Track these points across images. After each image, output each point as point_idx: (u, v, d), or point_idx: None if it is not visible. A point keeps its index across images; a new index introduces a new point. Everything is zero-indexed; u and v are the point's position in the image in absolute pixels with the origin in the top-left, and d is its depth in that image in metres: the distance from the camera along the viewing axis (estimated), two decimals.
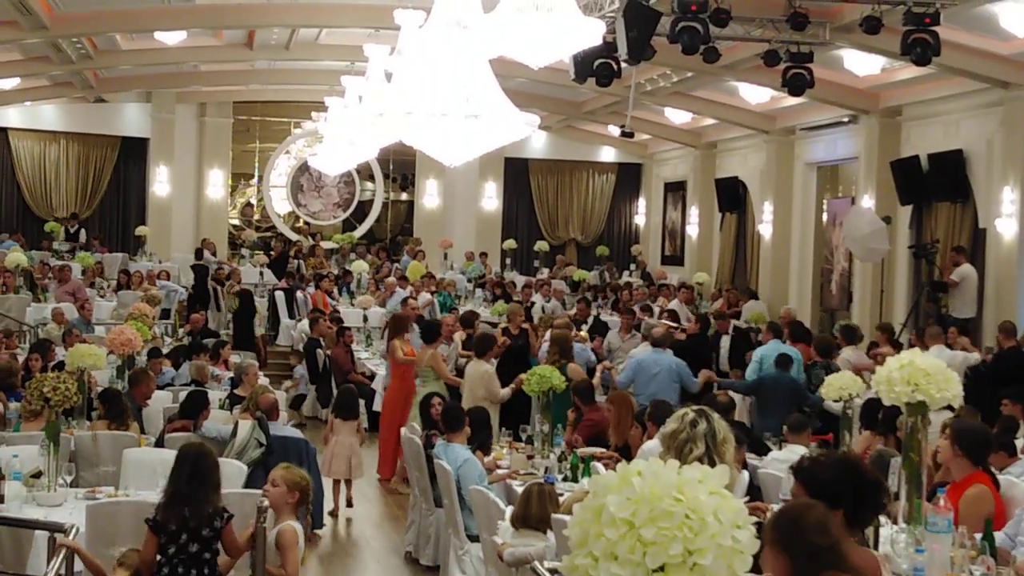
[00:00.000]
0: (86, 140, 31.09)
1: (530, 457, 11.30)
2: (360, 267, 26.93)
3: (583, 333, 18.23)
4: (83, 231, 29.73)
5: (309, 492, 7.92)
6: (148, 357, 15.43)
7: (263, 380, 14.48)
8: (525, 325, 17.57)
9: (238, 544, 7.61)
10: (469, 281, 27.68)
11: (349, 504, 14.09)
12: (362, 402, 16.45)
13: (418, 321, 16.78)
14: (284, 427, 12.12)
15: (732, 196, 28.53)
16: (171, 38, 23.89)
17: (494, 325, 18.93)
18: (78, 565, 7.81)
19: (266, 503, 7.80)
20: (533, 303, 23.17)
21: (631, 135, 26.33)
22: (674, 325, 18.92)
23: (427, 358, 14.90)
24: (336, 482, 13.95)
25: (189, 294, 24.77)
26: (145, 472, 9.73)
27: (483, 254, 30.61)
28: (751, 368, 15.57)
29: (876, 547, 6.02)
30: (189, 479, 7.53)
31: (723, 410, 10.64)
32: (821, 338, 16.92)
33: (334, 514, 13.78)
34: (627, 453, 10.57)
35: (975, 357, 15.74)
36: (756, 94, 24.31)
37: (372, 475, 15.45)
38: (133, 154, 31.48)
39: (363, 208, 34.42)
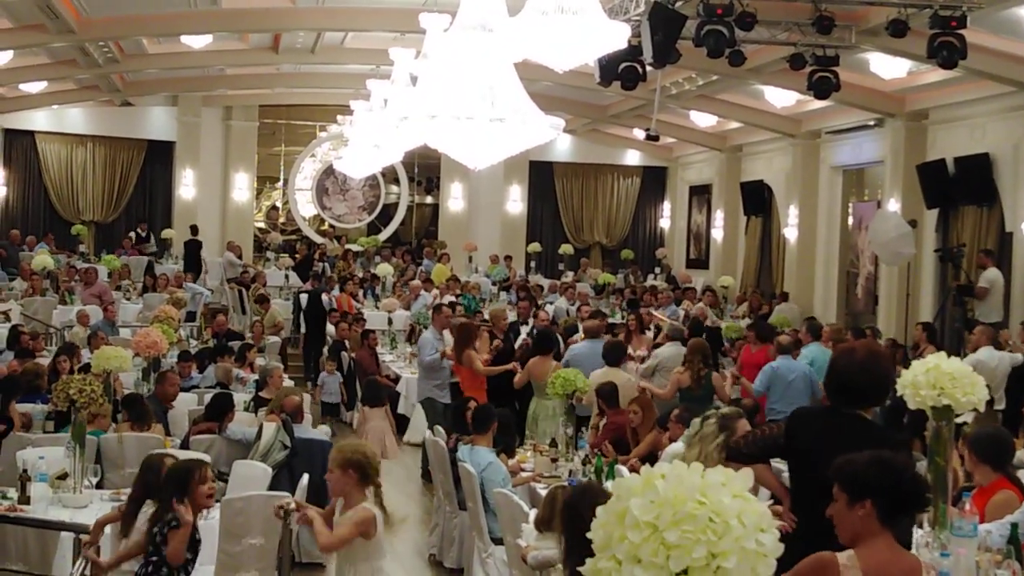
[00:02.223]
0: (112, 143, 31.24)
1: (554, 460, 11.30)
2: (385, 270, 26.98)
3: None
4: (152, 235, 29.78)
5: (369, 465, 7.47)
6: (178, 360, 15.51)
7: (288, 382, 14.54)
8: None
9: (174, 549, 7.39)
10: (494, 284, 27.70)
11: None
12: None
13: (540, 331, 16.27)
14: (309, 429, 12.14)
15: (757, 199, 28.48)
16: (197, 42, 24.00)
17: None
18: None
19: (292, 505, 7.80)
20: (545, 304, 23.33)
21: (656, 138, 26.29)
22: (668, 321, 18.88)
23: (553, 368, 13.79)
24: None
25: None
26: None
27: (508, 257, 30.60)
28: None
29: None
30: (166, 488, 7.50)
31: (749, 413, 10.65)
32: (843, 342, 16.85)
33: None
34: (652, 458, 10.55)
35: (1019, 357, 15.63)
36: (782, 97, 24.26)
37: (397, 478, 15.47)
38: (159, 157, 31.62)
39: (388, 211, 34.47)
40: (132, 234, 29.72)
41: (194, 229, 29.22)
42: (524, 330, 18.70)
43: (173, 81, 28.89)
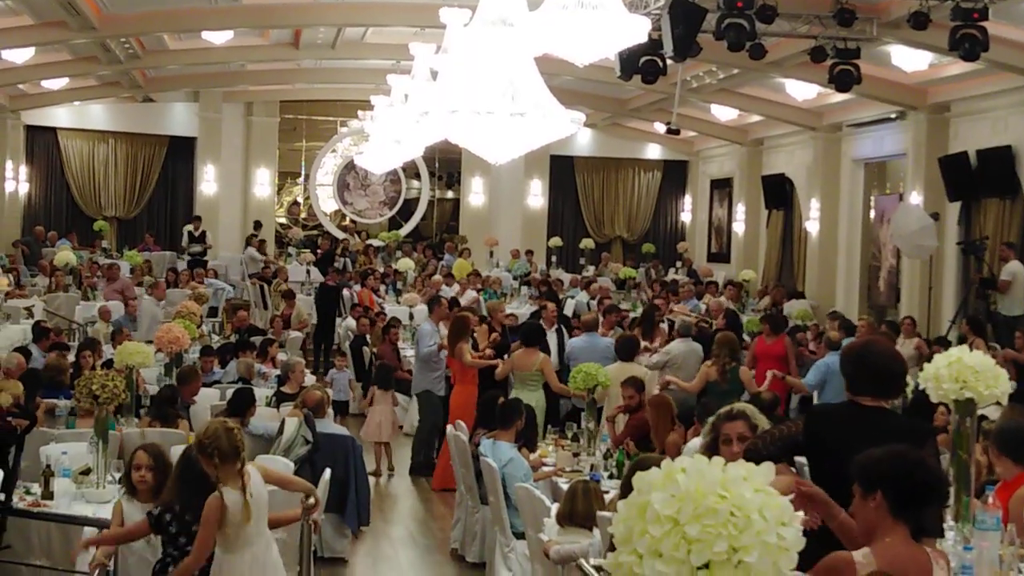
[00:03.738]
0: (134, 139, 31.35)
1: (576, 455, 11.29)
2: (406, 265, 27.01)
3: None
4: (207, 234, 29.24)
5: (201, 446, 7.22)
6: (200, 355, 15.55)
7: (310, 378, 14.58)
8: (507, 320, 17.74)
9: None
10: (515, 279, 27.70)
11: (391, 469, 15.59)
12: (405, 398, 16.61)
13: (526, 325, 16.28)
14: (331, 424, 12.17)
15: (779, 193, 28.42)
16: (218, 38, 24.03)
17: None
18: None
19: (311, 501, 7.79)
20: (567, 298, 23.36)
21: (677, 132, 26.26)
22: (694, 316, 18.85)
23: (539, 362, 14.03)
24: (377, 445, 15.52)
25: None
26: None
27: (529, 252, 30.61)
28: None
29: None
30: (183, 480, 7.48)
31: (768, 406, 10.64)
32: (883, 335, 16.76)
33: (377, 474, 15.11)
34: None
35: None
36: (803, 90, 24.21)
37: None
38: (181, 153, 31.72)
39: (409, 206, 34.47)
40: (185, 232, 29.27)
41: (256, 225, 29.66)
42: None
43: (194, 77, 28.96)
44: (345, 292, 23.96)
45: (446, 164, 34.59)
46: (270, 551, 7.44)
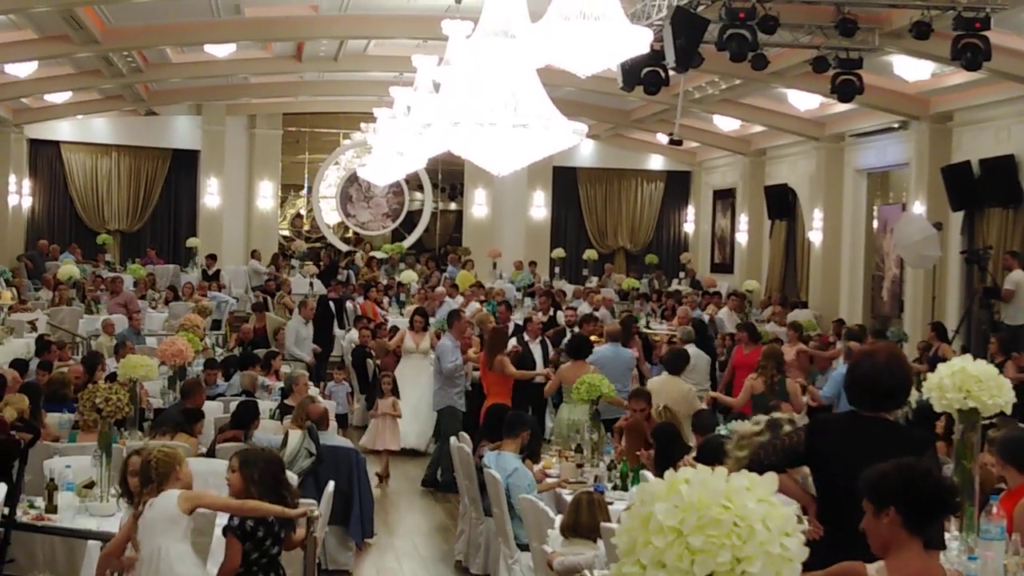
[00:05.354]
0: (137, 153, 31.40)
1: (580, 466, 11.28)
2: (410, 277, 27.00)
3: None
4: (222, 272, 28.93)
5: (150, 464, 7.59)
6: (204, 367, 15.54)
7: (313, 390, 14.57)
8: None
9: (292, 541, 7.68)
10: (518, 290, 27.68)
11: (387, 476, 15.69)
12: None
13: (574, 336, 16.17)
14: (334, 437, 12.15)
15: (782, 203, 28.43)
16: (221, 51, 24.06)
17: None
18: None
19: (316, 512, 7.78)
20: (557, 310, 23.38)
21: (679, 143, 26.30)
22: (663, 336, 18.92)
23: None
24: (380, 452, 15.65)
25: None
26: (197, 482, 9.74)
27: (532, 263, 30.60)
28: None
29: None
30: (274, 484, 7.57)
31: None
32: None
33: (386, 475, 15.62)
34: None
35: None
36: (805, 101, 24.22)
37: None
38: (184, 166, 31.77)
39: (412, 218, 34.50)
40: (199, 271, 29.08)
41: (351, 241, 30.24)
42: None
43: (197, 90, 29.01)
44: (348, 304, 23.94)
45: (449, 176, 34.58)
46: (172, 558, 7.35)
